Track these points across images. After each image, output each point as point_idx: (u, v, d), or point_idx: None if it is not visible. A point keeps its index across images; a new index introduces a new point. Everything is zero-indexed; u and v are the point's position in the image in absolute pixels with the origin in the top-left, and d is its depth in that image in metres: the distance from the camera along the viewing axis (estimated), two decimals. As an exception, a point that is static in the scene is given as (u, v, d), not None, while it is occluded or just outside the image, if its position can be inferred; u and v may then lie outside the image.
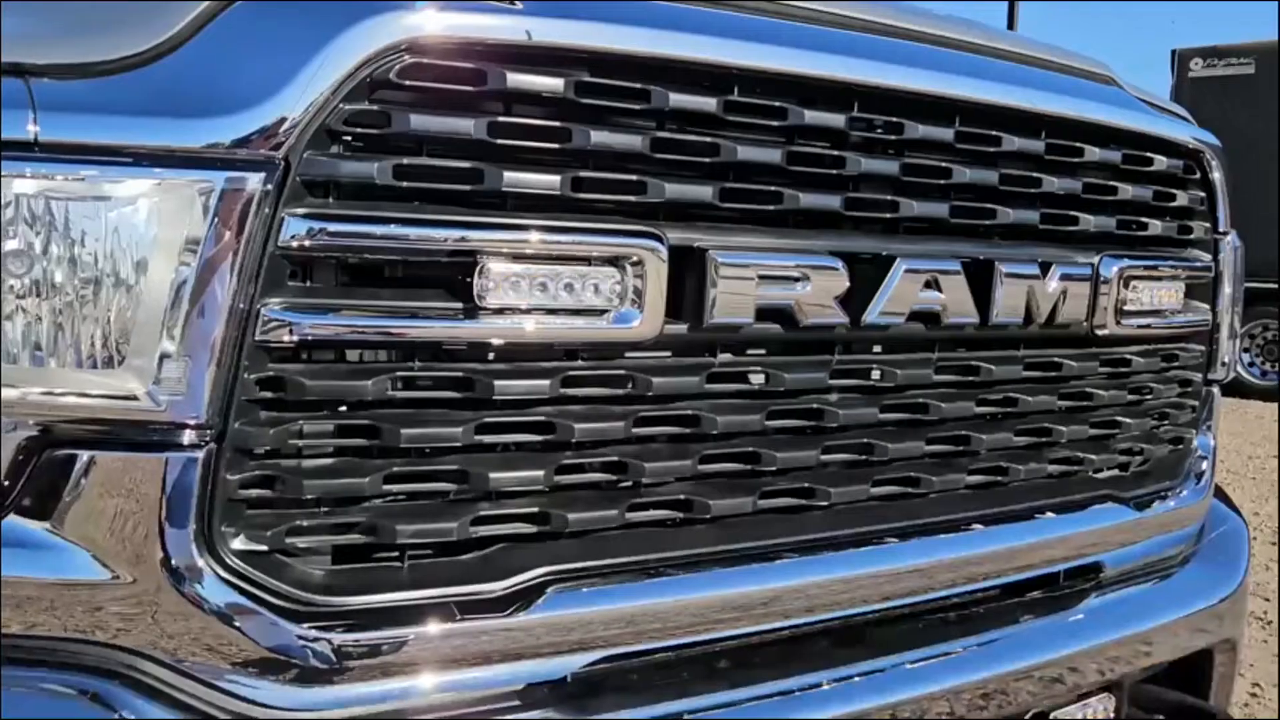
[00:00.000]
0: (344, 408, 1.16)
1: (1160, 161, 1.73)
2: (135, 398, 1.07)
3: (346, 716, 1.15)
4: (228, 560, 1.10)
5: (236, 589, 1.10)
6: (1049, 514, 1.68)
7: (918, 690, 1.46)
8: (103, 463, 1.07)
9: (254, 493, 1.13)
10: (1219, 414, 2.03)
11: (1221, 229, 1.88)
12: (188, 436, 1.07)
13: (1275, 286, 9.96)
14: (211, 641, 1.10)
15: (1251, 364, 11.29)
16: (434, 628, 1.16)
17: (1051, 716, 1.68)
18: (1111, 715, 1.75)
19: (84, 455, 1.07)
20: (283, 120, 1.07)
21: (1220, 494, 2.10)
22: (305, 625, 1.12)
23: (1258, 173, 9.88)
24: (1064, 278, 1.60)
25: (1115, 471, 1.85)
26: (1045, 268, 1.58)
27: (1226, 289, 1.93)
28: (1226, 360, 2.00)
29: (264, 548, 1.12)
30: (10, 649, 1.08)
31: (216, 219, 1.06)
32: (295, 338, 1.09)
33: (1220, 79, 12.26)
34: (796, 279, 1.33)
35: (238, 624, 1.10)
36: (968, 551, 1.56)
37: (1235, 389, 10.93)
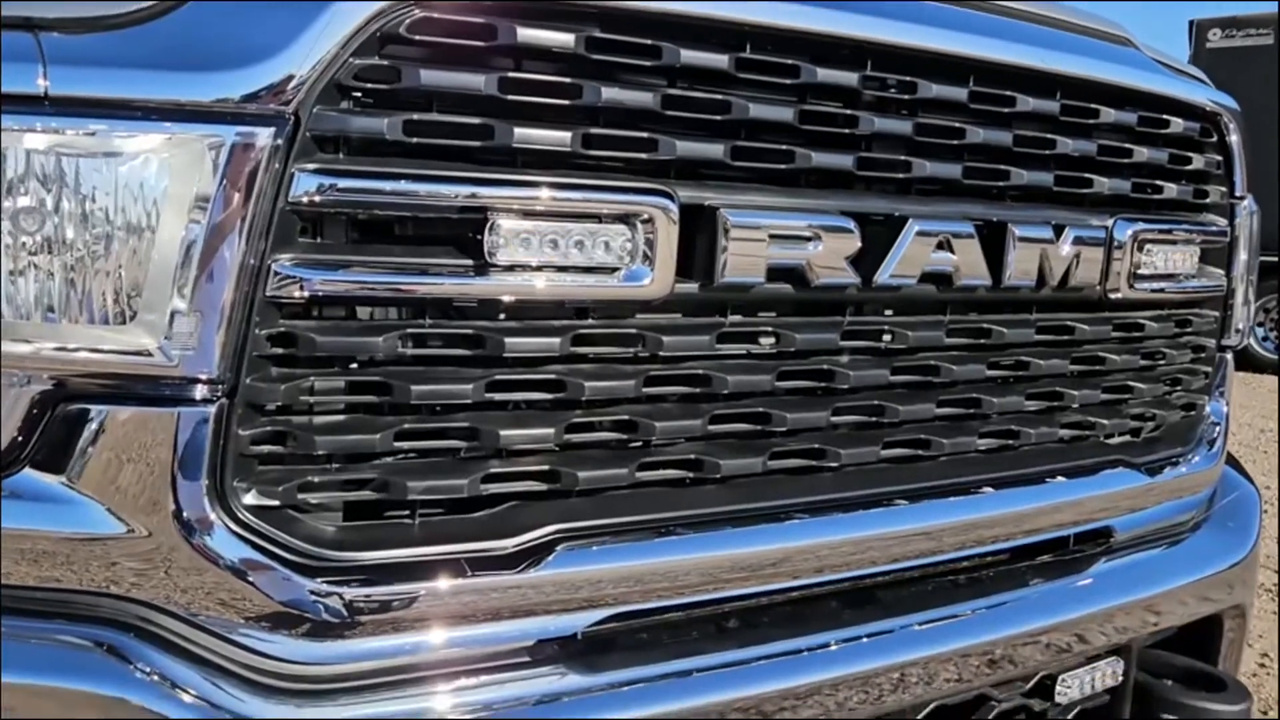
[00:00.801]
0: (355, 364, 1.16)
1: (1176, 124, 1.71)
2: (147, 353, 1.07)
3: (357, 670, 1.16)
4: (240, 515, 1.10)
5: (249, 543, 1.10)
6: (1059, 478, 1.67)
7: (925, 651, 1.47)
8: (116, 417, 1.08)
9: (265, 449, 1.13)
10: (1232, 380, 2.01)
11: (1238, 193, 1.86)
12: (200, 392, 1.08)
13: (1277, 260, 9.82)
14: (224, 595, 1.11)
15: (1265, 338, 11.21)
16: (444, 583, 1.17)
17: (1060, 679, 1.68)
18: (1120, 679, 1.75)
19: (97, 410, 1.07)
20: (292, 75, 1.06)
21: (1232, 461, 2.09)
22: (317, 580, 1.13)
23: (1273, 145, 9.76)
24: (1077, 240, 1.59)
25: (1127, 437, 1.84)
26: (1059, 230, 1.57)
27: (1242, 254, 1.91)
28: (1240, 326, 1.98)
29: (275, 503, 1.13)
30: (26, 600, 1.10)
31: (226, 174, 1.06)
32: (306, 293, 1.09)
33: (1238, 50, 12.10)
34: (808, 239, 1.33)
35: (250, 578, 1.10)
36: (977, 514, 1.56)
37: (1249, 363, 10.87)
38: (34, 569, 1.09)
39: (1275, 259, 9.72)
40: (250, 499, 1.11)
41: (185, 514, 1.08)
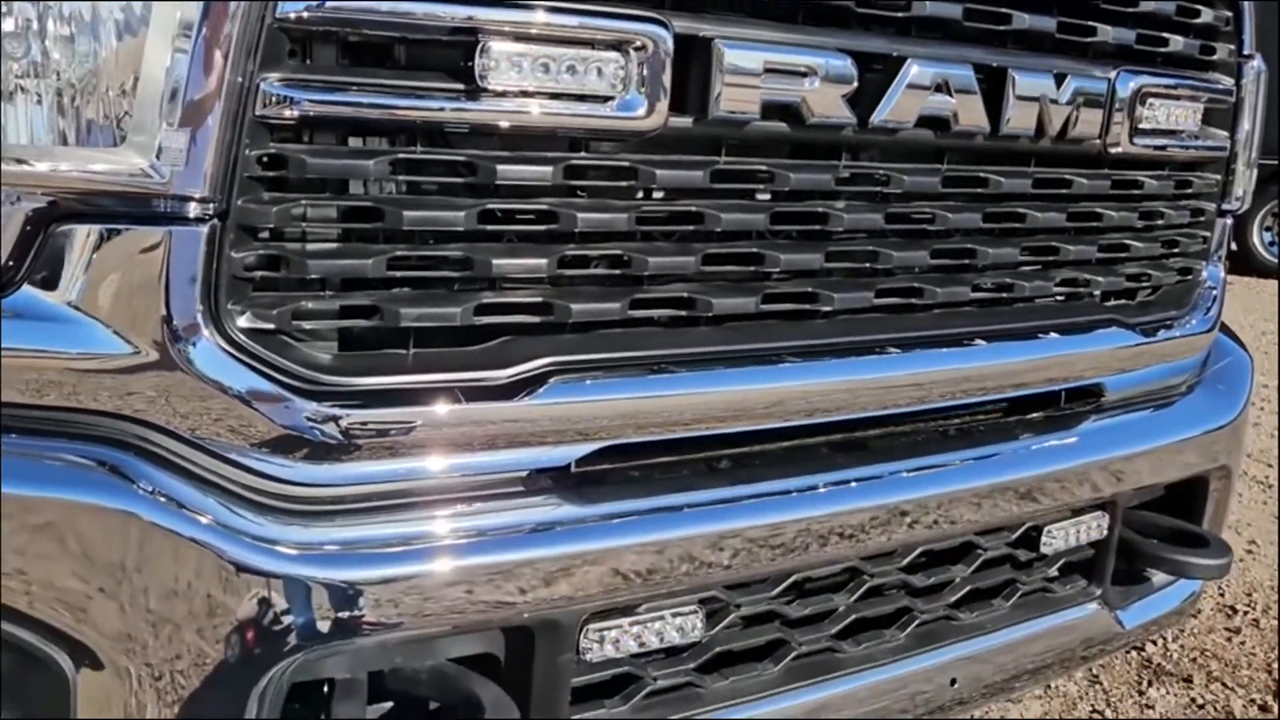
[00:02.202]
0: (347, 190, 1.16)
1: (1185, -27, 1.68)
2: (139, 171, 1.07)
3: (356, 494, 1.19)
4: (234, 336, 1.11)
5: (243, 364, 1.12)
6: (1052, 334, 1.68)
7: (911, 495, 1.49)
8: (110, 236, 1.09)
9: (259, 273, 1.14)
10: (1228, 246, 2.01)
11: (1245, 51, 1.83)
12: (192, 210, 1.08)
13: (1277, 164, 9.60)
14: (221, 415, 1.12)
15: (1271, 244, 11.11)
16: (439, 410, 1.19)
17: (1046, 530, 1.72)
18: (1104, 533, 1.79)
19: (92, 229, 1.09)
20: (276, -115, 1.04)
21: (1226, 330, 2.10)
22: (312, 403, 1.14)
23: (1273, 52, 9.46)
24: (1078, 91, 1.57)
25: (1123, 300, 1.84)
26: (1060, 80, 1.55)
27: (1247, 116, 1.88)
28: (1241, 192, 1.97)
29: (270, 326, 1.13)
30: (25, 419, 1.12)
31: (212, -11, 1.05)
32: (295, 113, 1.09)
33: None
34: (804, 74, 1.31)
35: (244, 399, 1.12)
36: (968, 365, 1.57)
37: (1254, 268, 10.81)
38: (32, 387, 1.11)
39: (1277, 163, 9.53)
40: (244, 322, 1.12)
41: (179, 333, 1.09)
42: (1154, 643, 3.18)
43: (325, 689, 1.23)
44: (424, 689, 1.27)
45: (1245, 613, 3.44)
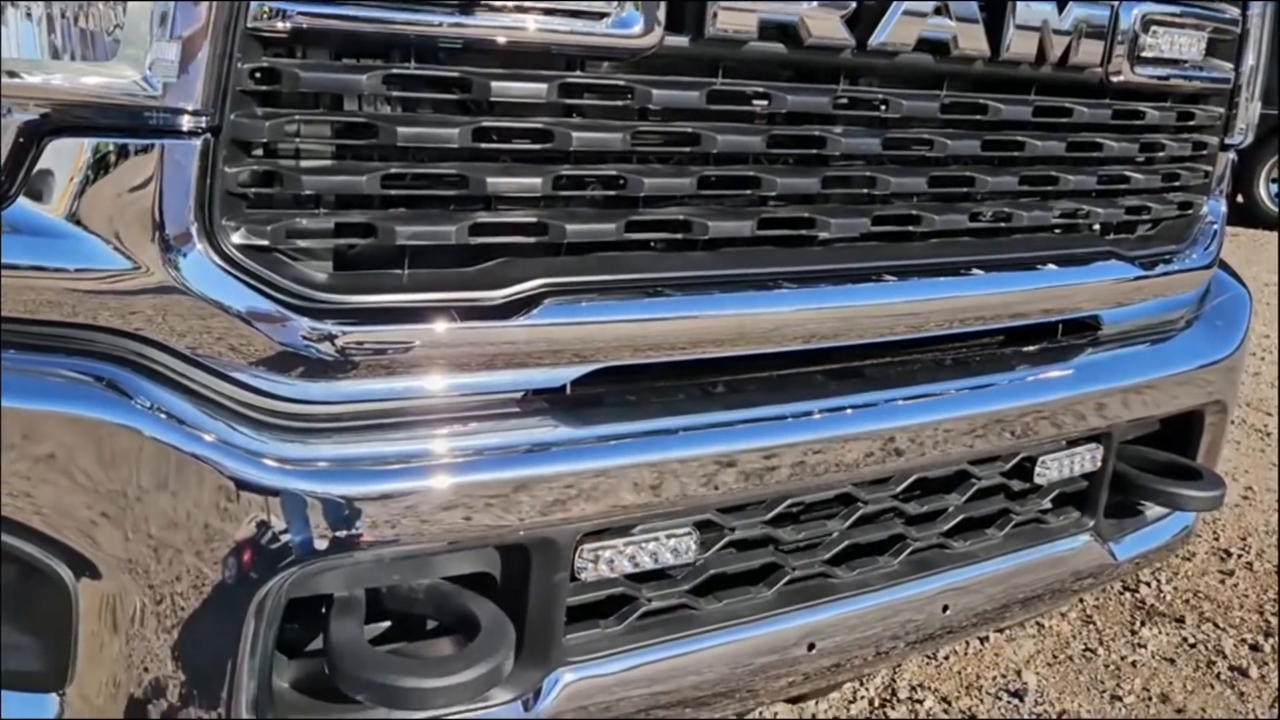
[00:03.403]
0: (341, 106, 1.16)
1: (1192, -103, 1.65)
2: (131, 84, 1.06)
3: (353, 411, 1.19)
4: (228, 252, 1.11)
5: (239, 280, 1.12)
6: (1049, 266, 1.68)
7: (905, 421, 1.50)
8: (104, 149, 1.08)
9: (253, 190, 1.14)
10: (1230, 180, 2.00)
11: (1252, -19, 1.81)
12: (184, 123, 1.07)
13: (1276, 113, 9.46)
14: (216, 332, 1.13)
15: (1278, 194, 11.02)
16: (435, 329, 1.19)
17: (1040, 461, 1.73)
18: (1099, 465, 1.80)
19: (86, 142, 1.08)
20: None
21: (1224, 266, 2.09)
22: (307, 320, 1.14)
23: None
24: (1080, 16, 1.55)
25: (1122, 232, 1.84)
26: (1062, 4, 1.53)
27: (1252, 48, 1.86)
28: (1244, 126, 1.95)
29: (265, 243, 1.13)
30: (21, 334, 1.12)
31: (201, -103, 1.03)
32: (288, 25, 1.08)
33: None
34: (801, -7, 1.30)
35: (239, 315, 1.12)
36: (965, 294, 1.57)
37: (1259, 220, 10.75)
38: (29, 301, 1.11)
39: (1277, 113, 9.41)
40: (239, 238, 1.12)
41: (173, 248, 1.09)
42: (1147, 584, 3.22)
43: (324, 608, 1.24)
44: (421, 607, 1.29)
45: (1239, 556, 3.47)
